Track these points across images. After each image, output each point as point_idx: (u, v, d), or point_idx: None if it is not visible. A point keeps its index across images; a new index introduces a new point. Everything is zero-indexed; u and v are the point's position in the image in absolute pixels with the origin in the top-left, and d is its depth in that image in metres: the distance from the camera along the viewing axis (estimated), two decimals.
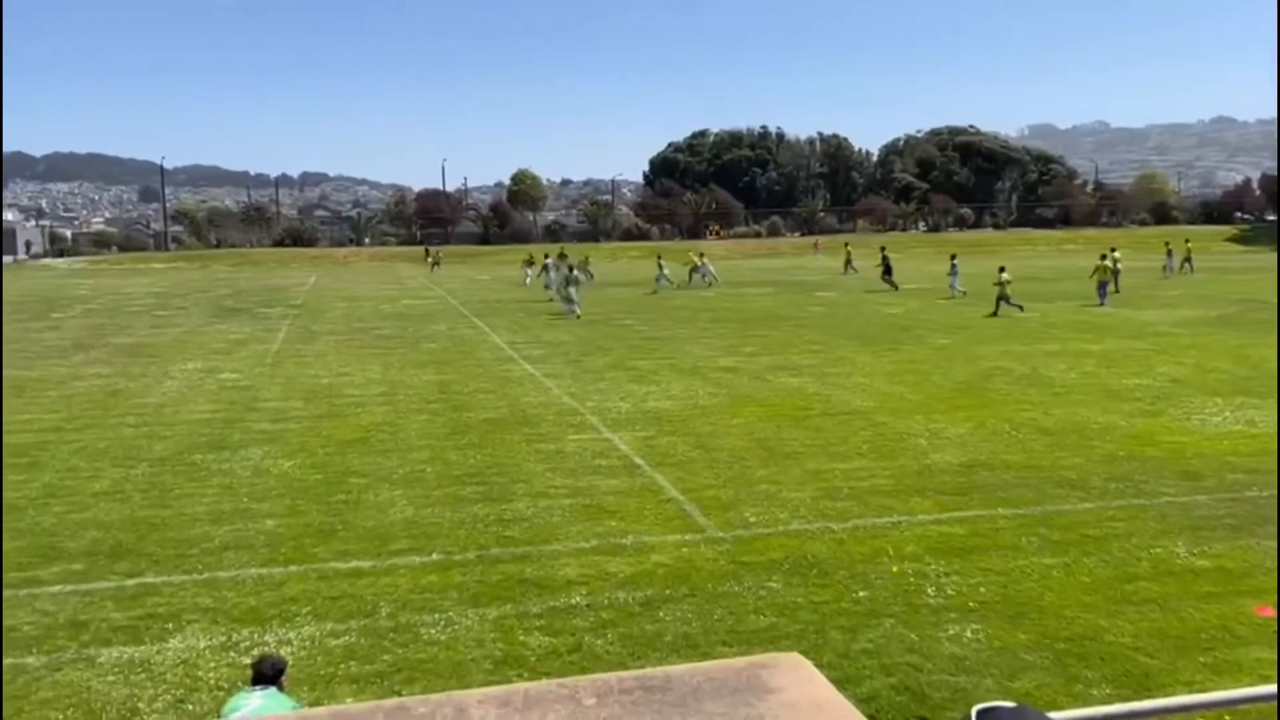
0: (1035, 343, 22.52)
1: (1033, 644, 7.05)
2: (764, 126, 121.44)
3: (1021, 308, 28.80)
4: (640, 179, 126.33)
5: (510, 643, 7.25)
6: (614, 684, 2.61)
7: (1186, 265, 45.56)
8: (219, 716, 4.89)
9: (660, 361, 20.42)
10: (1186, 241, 48.17)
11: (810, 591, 8.10)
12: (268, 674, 5.01)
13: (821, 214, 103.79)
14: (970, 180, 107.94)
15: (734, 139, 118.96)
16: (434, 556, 9.02)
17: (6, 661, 7.01)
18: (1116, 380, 17.29)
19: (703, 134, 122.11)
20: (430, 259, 62.66)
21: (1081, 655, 6.87)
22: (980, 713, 1.66)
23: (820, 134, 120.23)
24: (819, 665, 3.25)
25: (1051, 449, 12.61)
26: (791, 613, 7.70)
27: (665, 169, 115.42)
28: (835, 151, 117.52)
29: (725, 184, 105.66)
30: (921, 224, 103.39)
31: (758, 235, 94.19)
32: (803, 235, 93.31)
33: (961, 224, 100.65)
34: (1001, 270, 29.78)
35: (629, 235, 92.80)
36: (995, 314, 28.35)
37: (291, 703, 4.96)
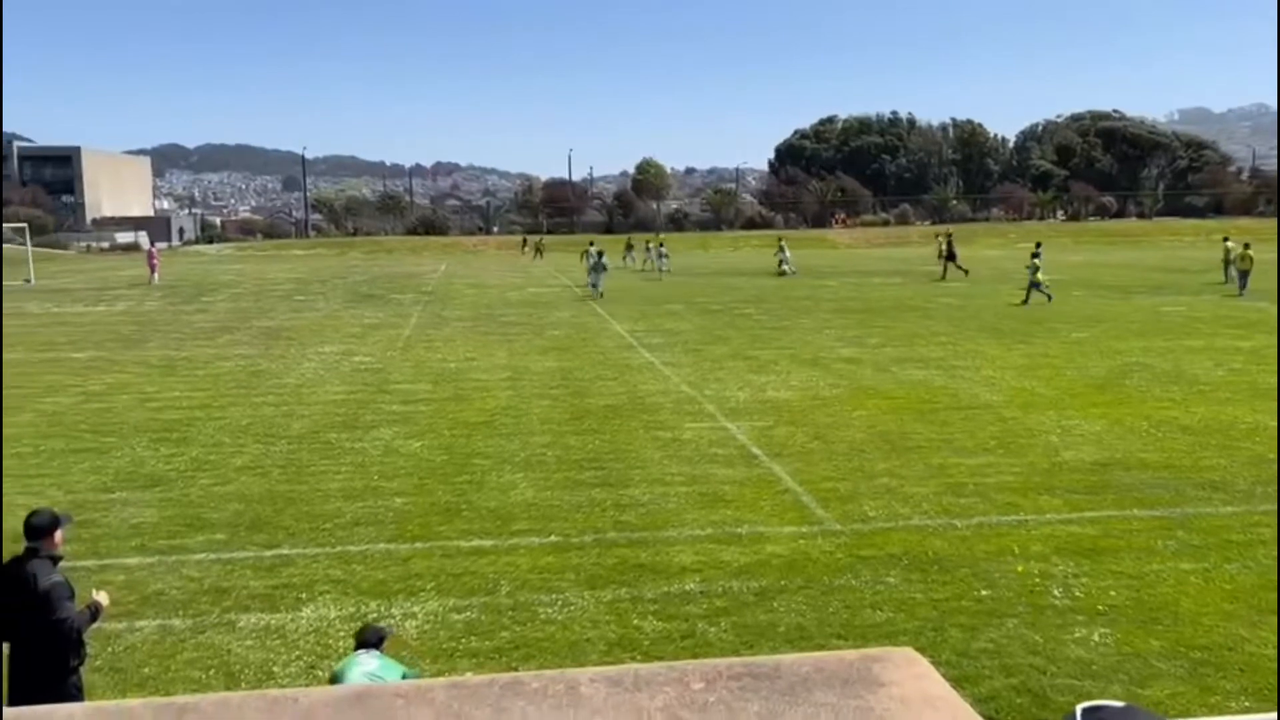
0: (1179, 338, 21.41)
1: (1166, 651, 6.74)
2: (894, 112, 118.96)
3: (1050, 297, 28.49)
4: (765, 167, 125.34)
5: (624, 626, 7.34)
6: (723, 669, 2.61)
7: None
8: (333, 675, 5.12)
9: (780, 351, 20.25)
10: None
11: (930, 588, 7.93)
12: (371, 640, 5.25)
13: (953, 202, 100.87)
14: (1113, 167, 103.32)
15: (863, 125, 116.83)
16: (552, 538, 9.19)
17: (155, 622, 7.48)
18: (1267, 379, 16.28)
19: (830, 120, 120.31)
20: (529, 249, 60.14)
21: (1219, 665, 6.53)
22: (1086, 711, 1.60)
23: (954, 119, 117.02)
24: (936, 663, 3.18)
25: (1193, 449, 11.99)
26: (909, 609, 7.55)
27: (791, 156, 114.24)
28: (969, 138, 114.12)
29: (853, 171, 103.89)
30: (1060, 213, 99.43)
31: (886, 224, 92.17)
32: (933, 224, 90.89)
33: (1103, 213, 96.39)
34: (1035, 256, 30.31)
35: (752, 224, 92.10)
36: (1025, 303, 28.39)
37: (401, 669, 5.17)
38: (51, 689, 5.09)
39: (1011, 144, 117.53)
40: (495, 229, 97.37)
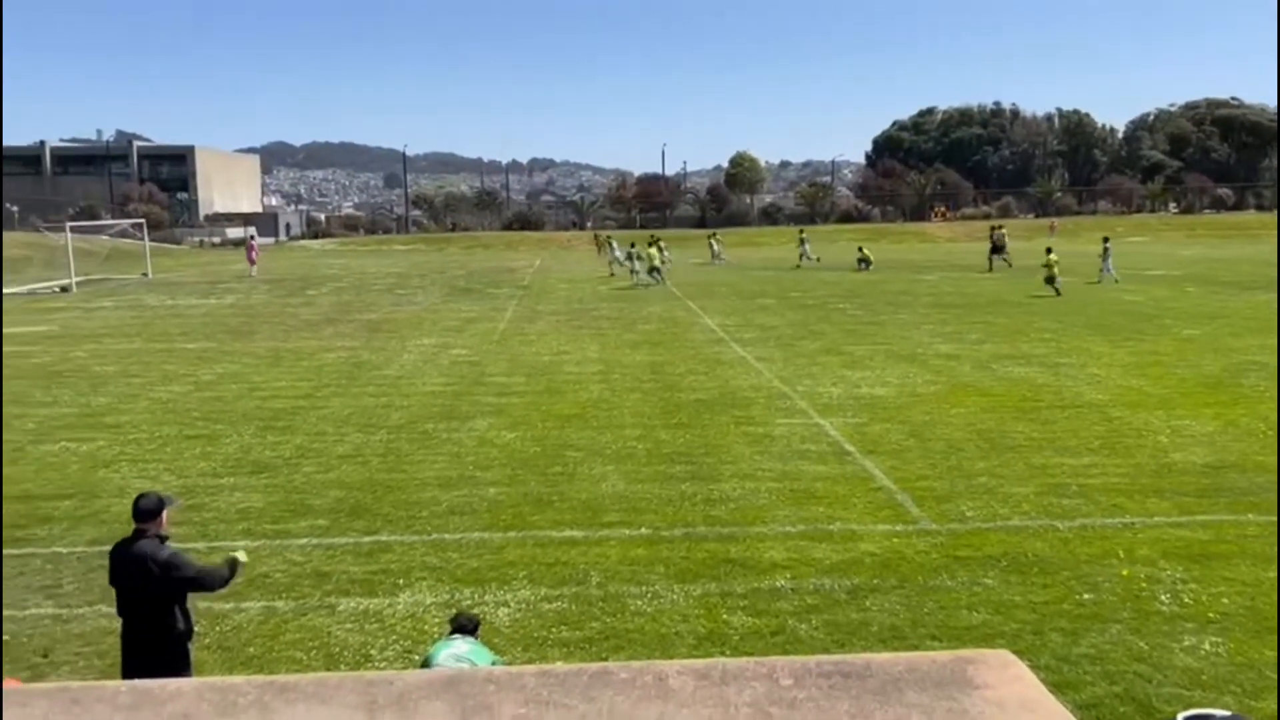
0: None
1: None
2: (996, 102, 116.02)
3: (1059, 292, 28.71)
4: (862, 160, 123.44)
5: (714, 620, 7.33)
6: (812, 666, 2.59)
7: None
8: (426, 657, 5.23)
9: (875, 347, 19.93)
10: None
11: (1029, 591, 7.72)
12: (467, 626, 5.36)
13: (1058, 194, 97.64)
14: (1230, 157, 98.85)
15: (964, 116, 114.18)
16: (642, 531, 9.23)
17: (260, 604, 7.76)
18: None
19: (930, 111, 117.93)
20: (600, 245, 51.76)
21: None
22: (1189, 719, 1.54)
23: (1059, 109, 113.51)
24: (1034, 667, 3.09)
25: None
26: (1007, 611, 7.36)
27: (889, 148, 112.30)
28: (1075, 128, 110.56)
29: (953, 163, 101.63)
30: (1172, 205, 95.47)
31: (987, 216, 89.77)
32: (1036, 217, 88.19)
33: (1219, 205, 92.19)
34: (1049, 252, 31.09)
35: (847, 218, 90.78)
36: (1058, 294, 28.74)
37: (491, 655, 5.26)
38: (167, 662, 5.33)
39: (1121, 134, 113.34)
40: (589, 224, 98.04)
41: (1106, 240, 35.87)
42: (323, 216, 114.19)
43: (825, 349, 19.85)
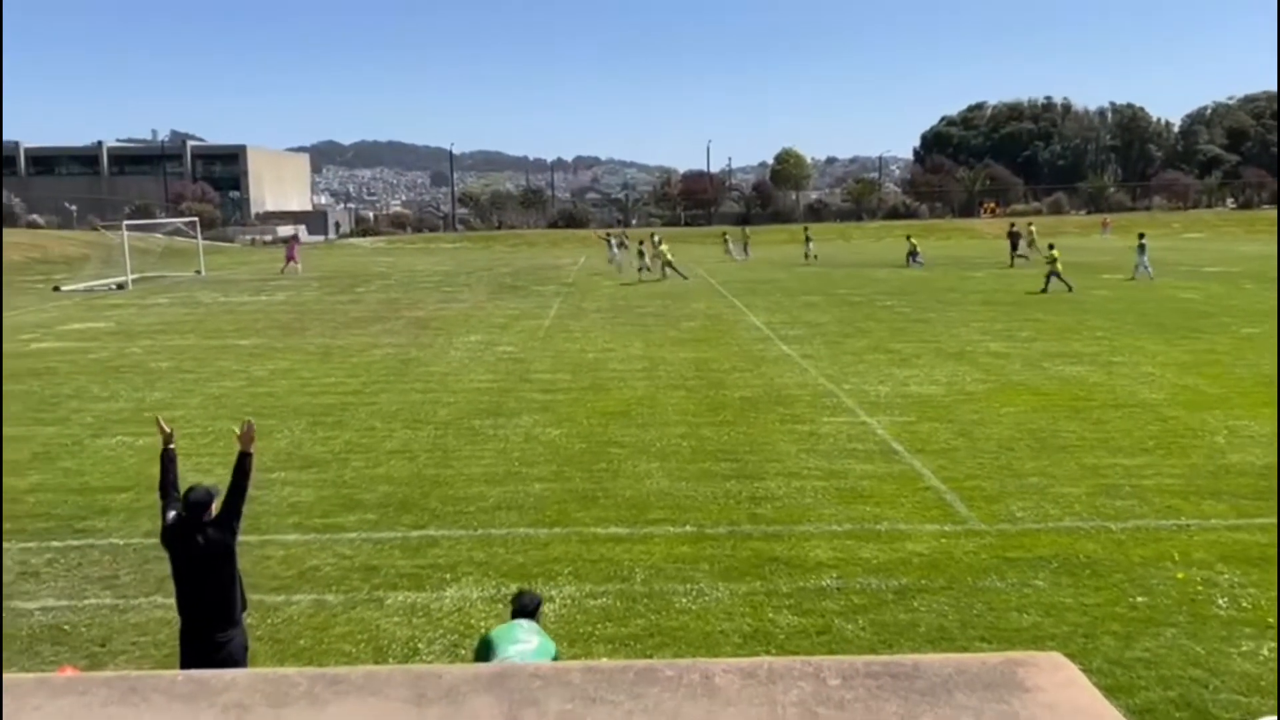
0: None
1: None
2: (1048, 97, 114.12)
3: (1070, 287, 28.75)
4: (910, 155, 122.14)
5: (759, 619, 7.30)
6: (860, 667, 2.57)
7: None
8: (489, 639, 5.23)
9: (923, 345, 19.72)
10: None
11: (1081, 593, 7.60)
12: (529, 607, 5.38)
13: (1111, 190, 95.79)
14: None
15: (1014, 111, 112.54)
16: (687, 528, 9.22)
17: (310, 597, 7.88)
18: None
19: (979, 106, 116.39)
20: (614, 241, 45.48)
21: None
22: None
23: (1112, 103, 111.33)
24: (1086, 670, 3.04)
25: None
26: (1058, 613, 7.25)
27: (937, 144, 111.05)
28: (1129, 122, 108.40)
29: (1003, 159, 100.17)
30: (1230, 200, 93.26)
31: (1038, 213, 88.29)
32: (1089, 213, 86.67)
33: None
34: (1051, 247, 31.67)
35: (895, 214, 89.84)
36: (1044, 290, 28.85)
37: (554, 650, 5.28)
38: (222, 643, 5.47)
39: (1176, 128, 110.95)
40: (634, 221, 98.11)
41: (1142, 237, 35.43)
42: (371, 215, 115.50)
43: (872, 346, 19.68)
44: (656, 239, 39.45)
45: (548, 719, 2.17)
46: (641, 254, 37.69)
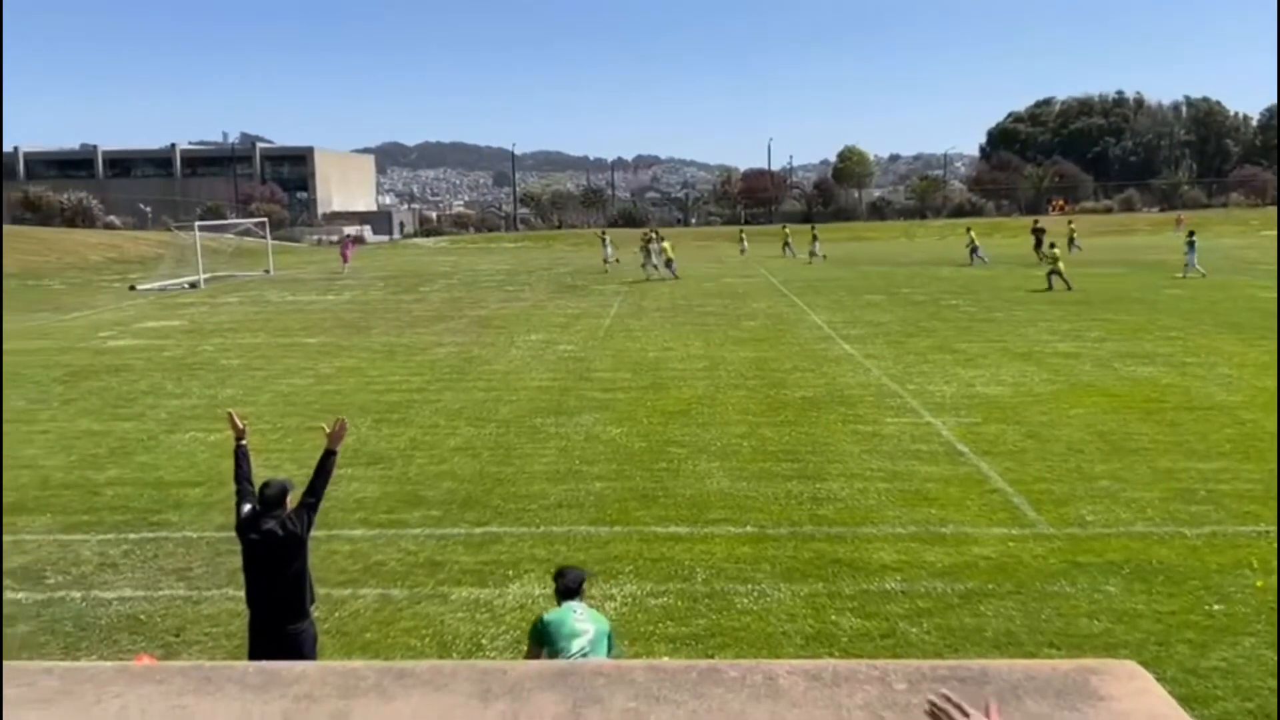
0: None
1: None
2: (1119, 91, 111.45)
3: (1070, 286, 28.90)
4: (975, 152, 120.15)
5: (821, 620, 7.24)
6: (926, 671, 2.53)
7: None
8: (544, 623, 5.25)
9: (989, 344, 19.39)
10: None
11: (1154, 600, 7.40)
12: (573, 587, 5.41)
13: (1185, 187, 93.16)
14: None
15: (1083, 106, 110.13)
16: (748, 528, 9.18)
17: (376, 591, 8.00)
18: None
19: (1047, 102, 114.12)
20: (608, 240, 45.45)
21: None
22: None
23: (1187, 97, 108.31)
24: (1160, 679, 2.96)
25: None
26: (1131, 620, 7.08)
27: (1004, 140, 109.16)
28: (1204, 117, 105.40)
29: (1072, 155, 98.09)
30: None
31: (1108, 210, 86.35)
32: (1162, 210, 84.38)
33: None
34: (1053, 246, 32.99)
35: (960, 211, 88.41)
36: (1049, 288, 29.32)
37: (608, 626, 5.30)
38: (293, 635, 5.58)
39: (1255, 122, 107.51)
40: (693, 220, 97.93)
41: (1192, 234, 34.52)
42: (434, 215, 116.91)
43: (937, 346, 19.39)
44: (658, 238, 39.49)
45: (611, 716, 2.17)
46: (647, 252, 37.65)
